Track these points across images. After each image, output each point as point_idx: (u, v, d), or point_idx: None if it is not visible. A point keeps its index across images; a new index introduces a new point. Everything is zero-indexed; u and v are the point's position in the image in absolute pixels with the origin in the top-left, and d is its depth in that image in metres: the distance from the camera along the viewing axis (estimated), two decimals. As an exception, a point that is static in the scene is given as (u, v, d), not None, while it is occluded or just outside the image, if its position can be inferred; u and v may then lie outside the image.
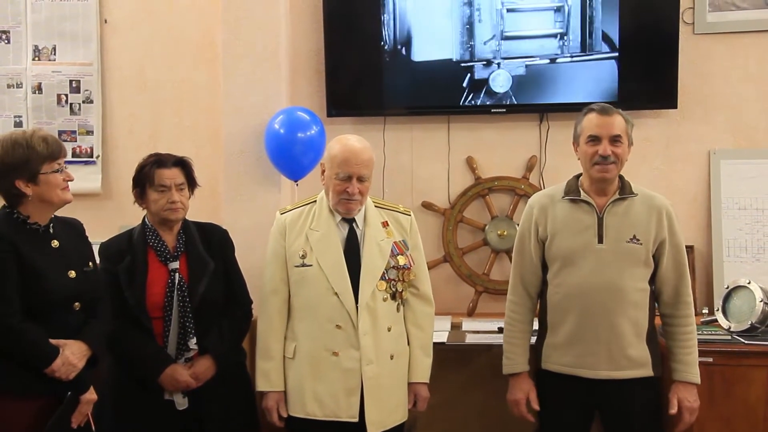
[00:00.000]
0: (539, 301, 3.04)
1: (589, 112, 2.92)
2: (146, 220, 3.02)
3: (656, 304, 2.97)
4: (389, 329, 2.93)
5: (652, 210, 2.90)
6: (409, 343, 3.02)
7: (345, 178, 2.88)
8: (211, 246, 3.04)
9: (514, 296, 3.05)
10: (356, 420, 2.86)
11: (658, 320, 3.00)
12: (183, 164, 3.01)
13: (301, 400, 2.91)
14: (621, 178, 2.95)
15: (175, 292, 2.91)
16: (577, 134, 2.95)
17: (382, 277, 2.92)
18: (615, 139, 2.86)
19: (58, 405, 2.56)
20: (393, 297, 2.95)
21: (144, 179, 2.95)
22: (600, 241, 2.87)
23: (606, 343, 2.84)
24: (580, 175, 3.00)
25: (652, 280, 2.92)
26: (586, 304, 2.85)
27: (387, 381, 2.91)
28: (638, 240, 2.86)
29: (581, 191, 2.94)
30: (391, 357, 2.93)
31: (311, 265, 2.91)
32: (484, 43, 3.90)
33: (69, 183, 2.68)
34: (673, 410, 2.89)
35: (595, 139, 2.87)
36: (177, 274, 2.93)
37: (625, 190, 2.92)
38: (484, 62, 3.90)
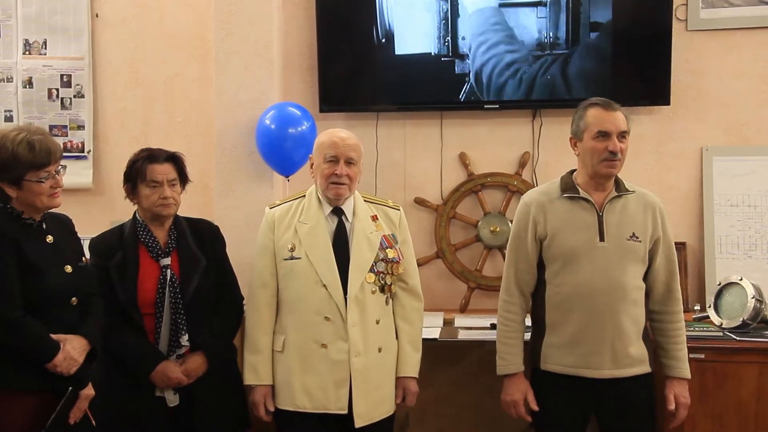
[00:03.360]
0: (532, 300, 3.01)
1: (591, 107, 2.86)
2: (137, 215, 3.00)
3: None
4: (377, 322, 2.93)
5: (647, 208, 2.89)
6: (397, 338, 3.02)
7: (332, 159, 2.89)
8: (202, 242, 3.03)
9: (508, 295, 2.98)
10: (345, 412, 2.86)
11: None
12: (175, 159, 2.99)
13: (291, 392, 2.90)
14: None
15: (167, 288, 2.89)
16: (580, 129, 2.88)
17: (371, 270, 2.92)
18: (623, 135, 2.83)
19: (55, 400, 2.55)
20: (381, 290, 2.95)
21: (136, 174, 2.93)
22: (602, 239, 2.84)
23: (610, 342, 2.81)
24: (573, 171, 2.97)
25: (644, 277, 2.91)
26: (590, 304, 2.81)
27: (374, 374, 2.91)
28: (637, 238, 2.84)
29: (579, 188, 2.90)
30: (379, 350, 2.93)
31: (300, 258, 2.91)
32: (463, 39, 3.90)
33: (60, 183, 2.65)
34: (672, 406, 2.88)
35: (604, 135, 2.81)
36: (168, 270, 2.91)
37: (620, 187, 2.90)
38: (462, 57, 3.90)
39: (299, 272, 2.91)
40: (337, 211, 2.96)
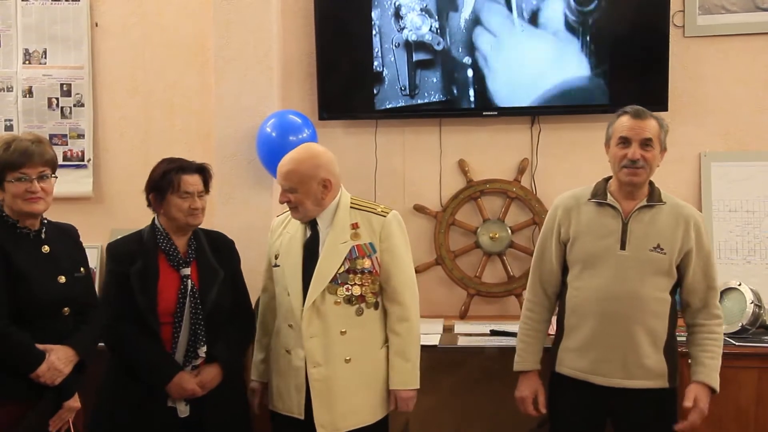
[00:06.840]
0: (558, 302, 3.00)
1: (622, 114, 2.85)
2: (157, 223, 2.97)
3: (681, 314, 2.92)
4: (343, 333, 2.88)
5: (679, 219, 2.84)
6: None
7: None
8: (219, 254, 3.03)
9: (532, 295, 3.00)
10: (302, 418, 2.87)
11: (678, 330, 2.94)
12: (203, 171, 2.99)
13: (270, 393, 3.01)
14: (651, 183, 2.89)
15: (188, 298, 2.88)
16: (608, 136, 2.88)
17: (334, 281, 2.88)
18: (646, 143, 2.79)
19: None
20: (349, 301, 2.90)
21: (167, 185, 2.90)
22: (622, 247, 2.81)
23: (621, 350, 2.79)
24: (610, 177, 2.94)
25: (674, 290, 2.87)
26: (604, 310, 2.79)
27: (341, 384, 2.87)
28: (662, 249, 2.80)
29: (608, 195, 2.88)
30: (347, 361, 2.88)
31: (279, 266, 2.98)
32: (460, 45, 3.90)
33: (54, 190, 2.66)
34: (689, 403, 2.79)
35: (625, 142, 2.80)
36: (189, 281, 2.90)
37: (653, 197, 2.86)
38: (460, 64, 3.91)
39: (278, 279, 2.99)
40: (313, 222, 2.95)
